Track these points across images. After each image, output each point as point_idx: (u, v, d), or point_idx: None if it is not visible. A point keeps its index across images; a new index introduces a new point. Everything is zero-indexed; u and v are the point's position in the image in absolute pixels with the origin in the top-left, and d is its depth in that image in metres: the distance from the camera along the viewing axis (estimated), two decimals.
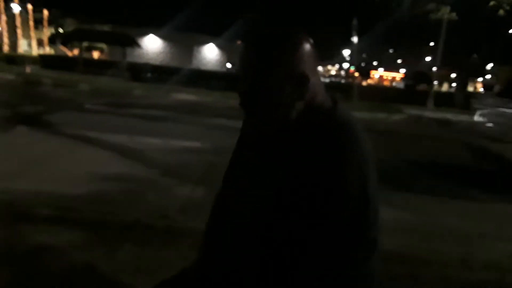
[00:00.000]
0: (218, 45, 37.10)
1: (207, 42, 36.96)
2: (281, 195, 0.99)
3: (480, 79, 66.71)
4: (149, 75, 26.35)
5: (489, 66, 62.95)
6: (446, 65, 34.46)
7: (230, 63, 37.90)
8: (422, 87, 29.75)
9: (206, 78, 25.88)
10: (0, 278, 2.35)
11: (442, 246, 3.45)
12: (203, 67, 33.84)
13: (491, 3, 14.96)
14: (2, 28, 38.31)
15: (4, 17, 38.29)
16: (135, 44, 29.66)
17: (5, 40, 38.45)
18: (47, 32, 41.05)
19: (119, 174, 4.69)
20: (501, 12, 14.46)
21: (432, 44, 34.78)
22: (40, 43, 40.93)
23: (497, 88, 55.18)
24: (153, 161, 5.50)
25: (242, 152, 1.19)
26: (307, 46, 1.05)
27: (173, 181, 4.65)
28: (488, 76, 69.44)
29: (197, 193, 4.27)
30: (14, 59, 28.17)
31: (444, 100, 21.92)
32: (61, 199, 3.69)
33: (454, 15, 17.85)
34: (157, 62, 32.47)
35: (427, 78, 32.40)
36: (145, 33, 34.83)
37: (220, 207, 1.21)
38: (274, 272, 0.99)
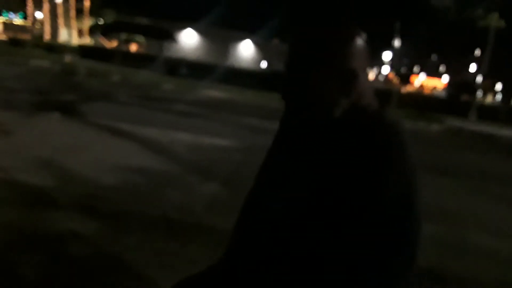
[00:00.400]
0: (254, 42, 37.03)
1: (243, 39, 36.95)
2: (318, 194, 0.96)
3: None
4: (184, 70, 26.67)
5: None
6: (492, 75, 33.22)
7: (266, 61, 37.77)
8: (465, 97, 28.64)
9: (240, 76, 25.94)
10: (28, 263, 2.33)
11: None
12: (238, 65, 33.93)
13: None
14: (44, 16, 39.59)
15: (47, 6, 39.54)
16: (172, 38, 30.03)
17: (47, 28, 39.70)
18: (87, 22, 42.13)
19: (147, 167, 4.65)
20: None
21: (477, 52, 33.50)
22: (80, 33, 42.07)
23: None
24: (181, 157, 5.45)
25: (279, 148, 1.14)
26: (359, 43, 1.00)
27: (200, 178, 4.58)
28: None
29: (224, 191, 4.18)
30: (54, 48, 29.02)
31: (488, 113, 21.01)
32: (87, 188, 3.69)
33: (502, 22, 17.08)
34: (193, 57, 32.77)
35: (471, 88, 31.24)
36: (183, 27, 35.14)
37: (252, 205, 1.16)
38: (302, 273, 0.96)
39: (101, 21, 40.94)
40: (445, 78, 51.62)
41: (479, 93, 25.49)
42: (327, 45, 0.97)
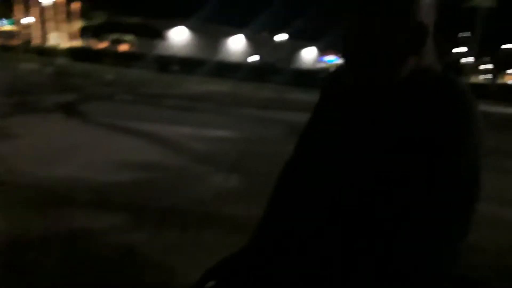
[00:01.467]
0: (244, 36, 36.98)
1: (233, 33, 36.89)
2: (383, 164, 0.88)
3: (510, 71, 64.42)
4: (176, 67, 26.61)
5: None
6: (478, 56, 33.28)
7: (256, 53, 37.75)
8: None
9: (233, 70, 25.94)
10: (45, 260, 2.35)
11: None
12: (229, 59, 33.88)
13: None
14: (33, 21, 39.24)
15: (35, 10, 39.18)
16: (162, 36, 29.93)
17: (36, 33, 39.37)
18: (77, 24, 41.81)
19: (153, 162, 4.69)
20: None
21: (462, 34, 33.48)
22: (71, 35, 41.73)
23: None
24: (185, 149, 5.49)
25: (329, 115, 1.03)
26: None
27: (207, 169, 4.63)
28: None
29: (230, 180, 4.24)
30: (44, 52, 28.84)
31: (478, 91, 21.22)
32: (99, 184, 3.70)
33: (494, 1, 16.84)
34: (184, 54, 32.68)
35: (458, 69, 31.42)
36: (174, 25, 34.97)
37: (295, 176, 1.08)
38: (364, 245, 0.89)
39: (91, 23, 40.62)
40: None
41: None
42: None
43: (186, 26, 35.13)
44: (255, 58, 37.41)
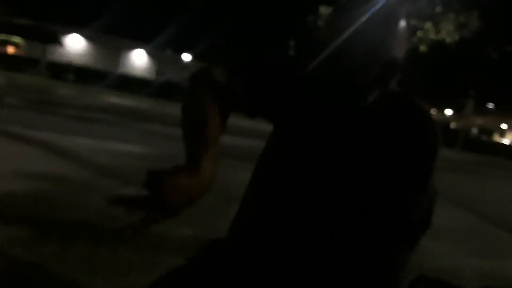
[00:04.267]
0: (148, 52, 36.07)
1: (136, 48, 35.77)
2: (356, 172, 0.93)
3: None
4: (71, 75, 25.06)
5: None
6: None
7: (160, 71, 37.10)
8: None
9: (134, 84, 25.23)
10: None
11: None
12: (131, 73, 32.78)
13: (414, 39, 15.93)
14: None
15: None
16: (57, 41, 27.91)
17: None
18: None
19: (53, 173, 4.27)
20: (422, 48, 15.55)
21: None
22: None
23: None
24: (88, 162, 5.10)
25: (296, 136, 1.04)
26: (404, 28, 0.93)
27: (114, 183, 4.34)
28: None
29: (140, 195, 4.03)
30: None
31: None
32: None
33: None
34: (80, 62, 30.83)
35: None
36: (69, 32, 32.67)
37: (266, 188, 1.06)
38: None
39: None
40: None
41: None
42: (375, 29, 0.91)
43: (83, 34, 32.96)
44: (160, 75, 36.69)
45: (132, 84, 25.15)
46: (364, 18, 0.88)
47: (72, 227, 2.89)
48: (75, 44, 33.17)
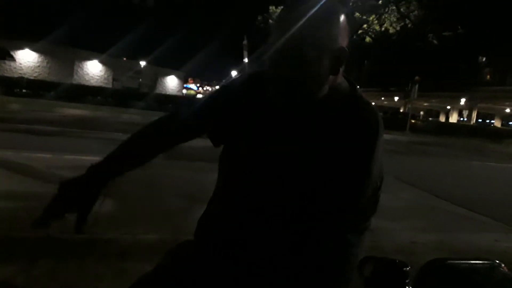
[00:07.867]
0: (102, 61, 35.16)
1: (90, 57, 34.79)
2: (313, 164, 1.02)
3: None
4: (24, 90, 24.26)
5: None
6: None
7: (115, 79, 36.29)
8: None
9: (90, 94, 24.73)
10: None
11: None
12: (86, 83, 31.96)
13: (360, 31, 16.30)
14: None
15: None
16: (8, 56, 26.93)
17: None
18: None
19: (14, 191, 4.21)
20: (367, 39, 15.96)
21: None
22: None
23: None
24: (48, 177, 5.02)
25: (256, 130, 1.10)
26: (345, 20, 1.02)
27: None
28: None
29: (106, 206, 4.04)
30: None
31: None
32: None
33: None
34: (32, 76, 29.79)
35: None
36: (20, 46, 31.23)
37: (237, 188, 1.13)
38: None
39: None
40: None
41: None
42: (321, 22, 0.99)
43: (32, 48, 31.45)
44: (116, 82, 35.88)
45: (87, 93, 24.60)
46: (308, 14, 0.96)
47: (38, 244, 2.88)
48: (26, 57, 31.87)
